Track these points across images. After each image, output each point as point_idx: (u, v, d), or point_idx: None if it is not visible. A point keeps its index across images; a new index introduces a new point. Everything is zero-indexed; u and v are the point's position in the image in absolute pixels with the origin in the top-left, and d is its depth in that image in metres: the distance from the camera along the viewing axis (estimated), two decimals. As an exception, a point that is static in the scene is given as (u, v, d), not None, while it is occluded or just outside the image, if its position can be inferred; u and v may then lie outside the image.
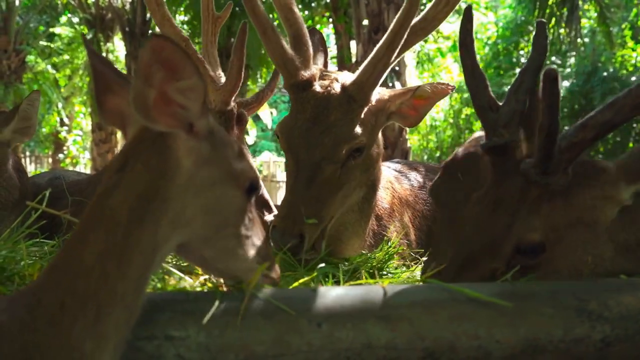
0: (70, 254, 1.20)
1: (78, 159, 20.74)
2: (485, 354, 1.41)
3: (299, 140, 2.20)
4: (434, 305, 1.43)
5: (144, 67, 1.19)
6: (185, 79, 1.23)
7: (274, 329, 1.34)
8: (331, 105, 2.24)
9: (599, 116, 1.59)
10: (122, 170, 1.25)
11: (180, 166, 1.27)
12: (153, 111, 1.22)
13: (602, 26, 13.19)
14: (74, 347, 1.13)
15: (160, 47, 1.17)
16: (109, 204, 1.22)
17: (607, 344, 1.46)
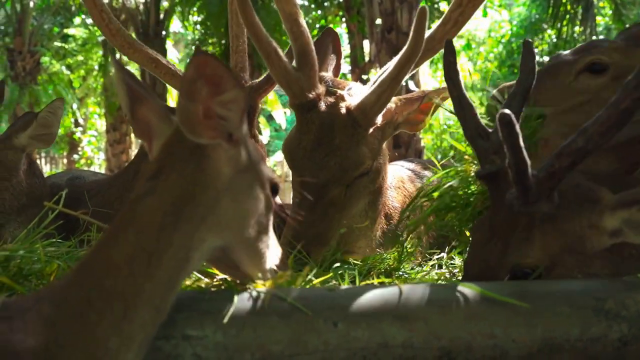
0: (99, 253, 1.23)
1: (92, 159, 20.85)
2: (501, 354, 1.41)
3: (304, 161, 2.19)
4: (450, 305, 1.43)
5: (188, 83, 1.23)
6: (227, 92, 1.26)
7: (290, 329, 1.35)
8: (336, 127, 2.22)
9: (572, 144, 1.60)
10: (157, 177, 1.28)
11: (221, 174, 1.31)
12: (199, 126, 1.26)
13: (618, 23, 13.08)
14: (98, 344, 1.15)
15: (204, 64, 1.22)
16: (142, 209, 1.25)
17: (624, 343, 1.45)
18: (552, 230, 1.68)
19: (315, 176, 2.17)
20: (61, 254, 2.01)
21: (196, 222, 1.28)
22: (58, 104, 2.92)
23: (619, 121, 1.56)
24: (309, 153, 2.19)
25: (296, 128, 2.25)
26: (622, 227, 1.65)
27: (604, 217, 1.66)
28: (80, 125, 20.81)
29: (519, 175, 1.60)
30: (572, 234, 1.68)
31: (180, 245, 1.26)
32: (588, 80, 2.30)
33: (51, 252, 2.01)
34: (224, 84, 1.25)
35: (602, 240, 1.68)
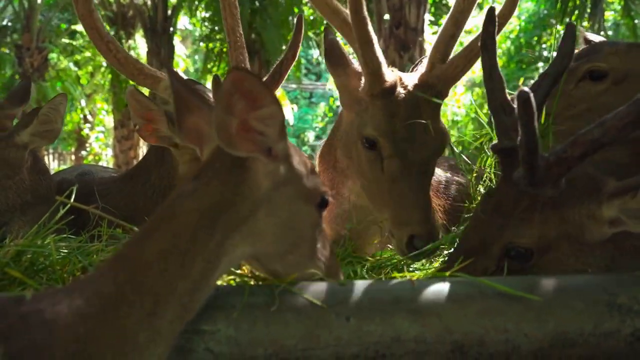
0: (133, 248, 1.25)
1: (100, 156, 20.91)
2: (513, 348, 1.41)
3: (404, 143, 2.18)
4: (463, 300, 1.43)
5: (225, 97, 1.26)
6: (264, 108, 1.29)
7: (302, 324, 1.35)
8: (422, 104, 2.23)
9: (588, 134, 1.60)
10: (199, 179, 1.32)
11: (259, 187, 1.34)
12: (235, 139, 1.29)
13: (627, 19, 13.01)
14: (127, 338, 1.16)
15: (241, 79, 1.25)
16: (181, 208, 1.29)
17: (637, 337, 1.45)
18: (552, 215, 1.69)
19: (419, 154, 2.18)
20: (72, 249, 2.02)
21: (230, 230, 1.30)
22: (60, 100, 2.89)
23: (638, 118, 1.55)
24: (408, 134, 2.19)
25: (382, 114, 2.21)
26: (620, 215, 1.65)
27: (602, 206, 1.67)
28: (89, 122, 20.85)
29: (528, 153, 1.61)
30: (572, 222, 1.69)
31: (212, 249, 1.28)
32: (588, 87, 2.35)
33: (62, 247, 2.02)
34: (261, 100, 1.28)
35: (602, 230, 1.68)
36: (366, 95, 2.24)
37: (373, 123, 2.21)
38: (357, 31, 2.12)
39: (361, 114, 2.27)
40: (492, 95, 1.87)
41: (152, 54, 14.53)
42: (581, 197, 1.69)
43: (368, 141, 2.22)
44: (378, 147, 2.20)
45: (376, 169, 2.21)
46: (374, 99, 2.21)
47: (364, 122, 2.25)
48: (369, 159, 2.23)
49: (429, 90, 2.26)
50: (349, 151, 2.34)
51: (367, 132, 2.22)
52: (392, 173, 2.17)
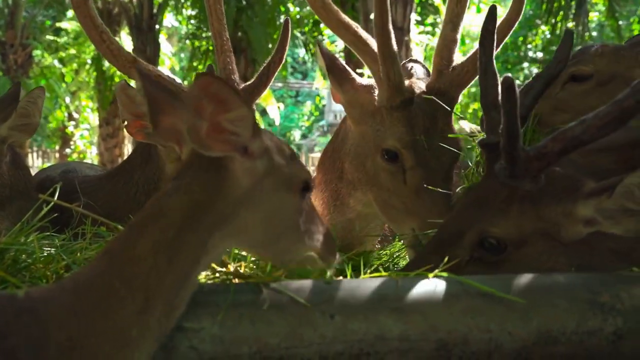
0: (123, 245, 1.26)
1: (85, 153, 20.76)
2: (497, 347, 1.41)
3: (427, 152, 2.18)
4: (447, 298, 1.43)
5: (194, 102, 1.28)
6: (233, 110, 1.31)
7: (287, 321, 1.35)
8: (437, 111, 2.24)
9: (569, 131, 1.62)
10: (181, 178, 1.34)
11: (239, 185, 1.36)
12: (206, 140, 1.31)
13: (611, 20, 13.13)
14: (120, 333, 1.17)
15: (208, 84, 1.26)
16: (166, 207, 1.31)
17: (619, 336, 1.46)
18: (530, 210, 1.71)
19: (440, 162, 2.19)
20: (56, 247, 2.01)
21: (213, 228, 1.32)
22: (38, 93, 2.84)
23: (618, 118, 1.57)
24: (428, 143, 2.19)
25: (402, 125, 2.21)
26: (596, 215, 1.66)
27: (577, 205, 1.68)
28: (73, 119, 20.72)
29: (508, 141, 1.63)
30: (548, 219, 1.71)
31: (196, 246, 1.30)
32: (572, 88, 2.38)
33: (45, 245, 2.01)
34: (229, 103, 1.30)
35: (576, 229, 1.70)
36: (384, 107, 2.23)
37: (393, 135, 2.20)
38: (381, 45, 2.14)
39: (377, 127, 2.25)
40: (486, 91, 1.90)
41: (137, 52, 14.45)
42: (559, 195, 1.71)
43: (389, 153, 2.20)
44: (400, 159, 2.19)
45: (398, 181, 2.20)
46: (393, 111, 2.21)
47: (381, 135, 2.23)
48: (390, 171, 2.22)
49: (442, 97, 2.26)
50: (362, 164, 2.32)
51: (388, 145, 2.21)
52: (415, 184, 2.16)
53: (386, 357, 1.37)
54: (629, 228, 1.64)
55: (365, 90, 2.30)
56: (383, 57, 2.14)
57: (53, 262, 1.85)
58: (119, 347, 1.17)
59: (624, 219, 1.63)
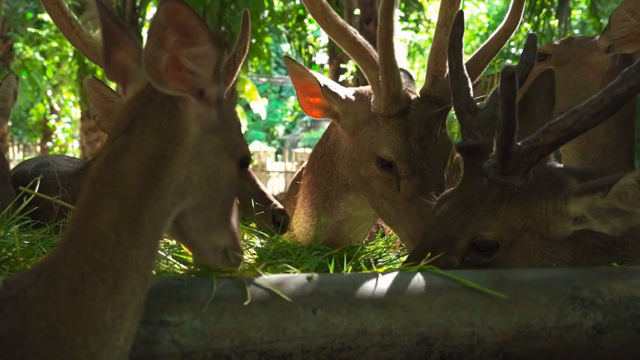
0: (86, 223, 1.19)
1: (67, 147, 20.60)
2: (478, 341, 1.42)
3: (421, 161, 2.17)
4: (429, 293, 1.44)
5: (157, 29, 1.19)
6: (198, 46, 1.23)
7: (269, 315, 1.35)
8: (431, 119, 2.24)
9: (560, 123, 1.63)
10: (131, 131, 1.24)
11: (189, 132, 1.28)
12: (164, 75, 1.23)
13: (593, 18, 13.22)
14: (96, 317, 1.15)
15: (176, 10, 1.17)
16: (120, 168, 1.21)
17: (599, 330, 1.47)
18: (519, 209, 1.71)
19: (434, 170, 2.18)
20: (36, 240, 1.99)
21: (169, 184, 1.25)
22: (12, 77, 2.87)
23: (611, 106, 1.58)
24: (423, 152, 2.18)
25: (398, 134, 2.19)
26: (585, 214, 1.68)
27: (569, 202, 1.69)
28: (55, 113, 20.53)
29: (506, 136, 1.62)
30: (537, 216, 1.71)
31: (157, 208, 1.23)
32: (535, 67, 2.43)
33: (26, 239, 1.99)
34: (195, 36, 1.22)
35: (566, 226, 1.71)
36: (380, 115, 2.22)
37: (388, 144, 2.19)
38: (383, 55, 2.12)
39: (372, 133, 2.24)
40: (458, 95, 1.91)
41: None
42: (547, 193, 1.72)
43: (383, 162, 2.20)
44: (395, 168, 2.19)
45: (392, 188, 2.20)
46: (389, 119, 2.20)
47: (376, 142, 2.22)
48: (384, 179, 2.21)
49: (437, 104, 2.26)
50: (356, 170, 2.31)
51: (383, 153, 2.20)
52: (410, 193, 2.16)
53: (368, 351, 1.38)
54: (617, 227, 1.65)
55: (357, 98, 2.30)
56: (384, 66, 2.13)
57: (34, 256, 1.84)
58: (95, 332, 1.14)
59: (612, 219, 1.65)
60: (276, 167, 19.63)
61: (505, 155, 1.64)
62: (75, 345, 1.13)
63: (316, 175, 2.49)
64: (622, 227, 1.65)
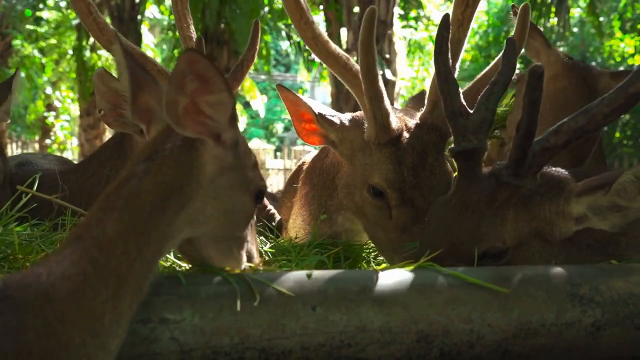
0: (96, 226, 1.24)
1: (65, 144, 20.58)
2: (477, 338, 1.42)
3: (413, 190, 2.14)
4: (428, 290, 1.44)
5: (178, 76, 1.28)
6: (215, 94, 1.32)
7: (268, 313, 1.35)
8: (427, 147, 2.20)
9: (572, 123, 1.63)
10: (152, 159, 1.33)
11: (205, 170, 1.37)
12: (183, 118, 1.31)
13: (592, 17, 13.22)
14: (95, 319, 1.17)
15: (196, 61, 1.26)
16: (138, 188, 1.29)
17: (597, 327, 1.48)
18: (524, 212, 1.71)
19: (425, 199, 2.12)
20: (34, 237, 1.99)
21: (178, 211, 1.32)
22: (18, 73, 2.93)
23: (624, 105, 1.59)
24: (415, 181, 2.15)
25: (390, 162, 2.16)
26: (587, 212, 1.69)
27: (571, 203, 1.70)
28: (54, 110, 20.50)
29: (525, 135, 1.61)
30: (541, 219, 1.72)
31: (163, 230, 1.29)
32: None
33: (25, 236, 1.99)
34: (213, 85, 1.30)
35: (568, 226, 1.72)
36: (372, 143, 2.20)
37: (380, 172, 2.17)
38: (367, 87, 2.09)
39: (365, 161, 2.21)
40: (449, 98, 1.88)
41: (119, 42, 14.30)
42: (549, 195, 1.72)
43: (374, 190, 2.17)
44: (386, 196, 2.16)
45: (384, 216, 2.17)
46: (381, 147, 2.17)
47: (369, 170, 2.20)
48: (376, 206, 2.19)
49: (433, 132, 2.23)
50: (352, 195, 2.29)
51: (374, 182, 2.17)
52: (402, 222, 2.12)
53: (367, 348, 1.38)
54: (615, 223, 1.67)
55: (352, 125, 2.27)
56: (369, 97, 2.11)
57: (32, 253, 1.84)
58: (93, 334, 1.16)
59: (611, 215, 1.66)
60: (275, 164, 19.61)
61: (523, 157, 1.64)
62: (73, 344, 1.14)
63: (316, 189, 2.48)
64: (621, 222, 1.67)
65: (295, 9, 2.26)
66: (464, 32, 2.33)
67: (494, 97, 1.81)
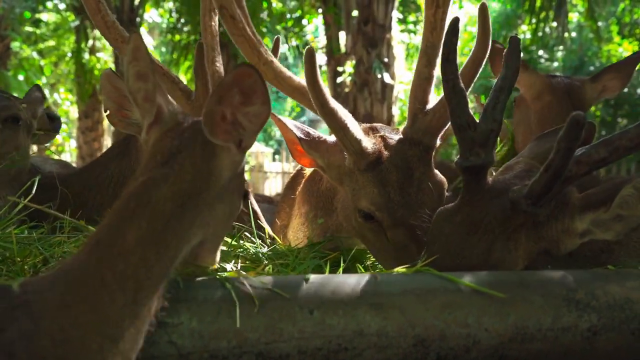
0: (113, 234, 1.24)
1: (63, 146, 20.56)
2: (474, 343, 1.43)
3: (403, 209, 2.10)
4: (425, 294, 1.45)
5: (224, 88, 1.31)
6: (256, 105, 1.34)
7: (266, 316, 1.36)
8: (412, 163, 2.16)
9: (594, 154, 1.62)
10: (170, 166, 1.33)
11: (222, 176, 1.39)
12: (218, 127, 1.34)
13: (590, 21, 13.24)
14: (112, 324, 1.17)
15: (247, 75, 1.29)
16: (157, 195, 1.29)
17: (593, 332, 1.48)
18: (534, 234, 1.70)
19: (419, 217, 2.08)
20: (33, 240, 1.99)
21: (195, 217, 1.32)
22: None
23: None
24: (403, 201, 2.10)
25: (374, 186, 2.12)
26: (591, 227, 1.70)
27: (575, 220, 1.70)
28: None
29: (554, 176, 1.59)
30: (549, 238, 1.71)
31: (181, 236, 1.30)
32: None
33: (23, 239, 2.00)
34: (255, 97, 1.33)
35: (574, 241, 1.72)
36: (354, 170, 2.17)
37: (366, 196, 2.14)
38: (329, 122, 2.06)
39: (352, 186, 2.19)
40: (457, 109, 1.80)
41: (117, 45, 14.29)
42: (555, 212, 1.71)
43: (364, 214, 2.14)
44: (377, 218, 2.12)
45: (381, 238, 2.14)
46: (363, 172, 2.14)
47: (356, 195, 2.17)
48: (371, 229, 2.16)
49: (416, 146, 2.19)
50: (349, 219, 2.26)
51: (362, 206, 2.14)
52: (399, 242, 2.09)
53: (364, 352, 1.38)
54: (619, 231, 1.67)
55: (336, 149, 2.22)
56: (334, 131, 2.09)
57: (31, 256, 1.84)
58: (112, 339, 1.16)
59: (614, 225, 1.67)
60: (273, 167, 19.60)
61: (546, 193, 1.63)
62: (90, 350, 1.14)
63: (315, 210, 2.44)
64: (623, 230, 1.67)
65: (252, 52, 2.27)
66: (438, 35, 2.25)
67: (500, 106, 1.76)
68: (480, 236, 1.69)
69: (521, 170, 1.90)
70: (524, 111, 3.21)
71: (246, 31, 2.28)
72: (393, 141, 2.21)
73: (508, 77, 1.80)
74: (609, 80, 3.16)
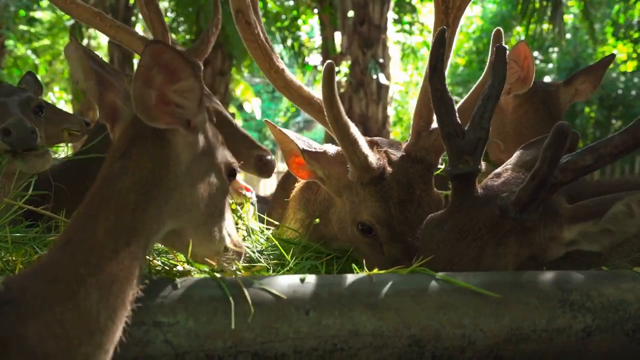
0: (83, 228, 1.25)
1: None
2: (469, 343, 1.43)
3: (402, 225, 2.12)
4: (421, 294, 1.45)
5: (144, 70, 1.28)
6: (182, 81, 1.32)
7: (262, 316, 1.36)
8: (413, 180, 2.18)
9: (579, 161, 1.64)
10: (128, 156, 1.33)
11: (180, 159, 1.37)
12: (153, 111, 1.31)
13: (586, 23, 13.28)
14: (91, 319, 1.17)
15: (160, 52, 1.27)
16: (119, 187, 1.29)
17: (588, 333, 1.49)
18: (523, 239, 1.72)
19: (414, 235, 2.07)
20: (29, 239, 1.99)
21: (160, 205, 1.33)
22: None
23: (633, 146, 1.61)
24: (403, 217, 2.12)
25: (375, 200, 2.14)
26: (578, 238, 1.72)
27: (563, 230, 1.72)
28: (46, 111, 20.43)
29: (539, 185, 1.62)
30: (537, 244, 1.73)
31: (149, 224, 1.31)
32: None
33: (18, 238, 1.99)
34: (179, 73, 1.30)
35: (560, 250, 1.74)
36: (356, 183, 2.18)
37: (367, 210, 2.15)
38: (340, 136, 2.06)
39: (352, 199, 2.20)
40: (444, 119, 1.83)
41: (113, 44, 14.29)
42: (544, 219, 1.72)
43: (364, 226, 2.15)
44: (375, 232, 2.14)
45: (377, 252, 2.15)
46: (365, 186, 2.16)
47: (356, 208, 2.18)
48: (367, 243, 2.17)
49: (419, 164, 2.21)
50: (344, 230, 2.27)
51: (362, 219, 2.15)
52: (393, 257, 2.09)
53: (360, 352, 1.39)
54: (605, 245, 1.70)
55: (337, 161, 2.23)
56: (344, 146, 2.09)
57: (26, 255, 1.84)
58: (90, 332, 1.17)
59: (602, 238, 1.69)
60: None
61: (532, 200, 1.65)
62: (72, 345, 1.14)
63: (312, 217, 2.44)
64: (610, 245, 1.70)
65: (264, 59, 2.27)
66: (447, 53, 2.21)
67: (487, 114, 1.78)
68: (470, 242, 1.71)
69: (509, 178, 1.94)
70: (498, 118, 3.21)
71: (260, 37, 2.28)
72: (396, 157, 2.23)
73: (495, 86, 1.82)
74: (580, 84, 3.20)
